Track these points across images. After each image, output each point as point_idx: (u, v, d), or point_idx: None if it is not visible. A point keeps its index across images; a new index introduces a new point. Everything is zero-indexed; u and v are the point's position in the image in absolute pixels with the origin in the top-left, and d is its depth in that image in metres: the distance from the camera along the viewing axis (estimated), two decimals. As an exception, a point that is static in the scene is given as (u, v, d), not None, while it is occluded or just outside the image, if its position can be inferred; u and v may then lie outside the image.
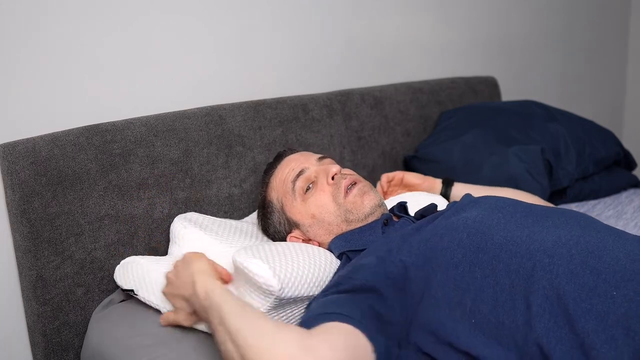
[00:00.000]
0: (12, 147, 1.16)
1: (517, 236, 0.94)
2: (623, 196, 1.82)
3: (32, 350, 1.26)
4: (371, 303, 0.91)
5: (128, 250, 1.30)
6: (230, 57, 1.59)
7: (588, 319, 0.81)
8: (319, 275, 1.09)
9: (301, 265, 1.07)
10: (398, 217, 1.23)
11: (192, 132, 1.39)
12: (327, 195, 1.20)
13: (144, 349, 1.08)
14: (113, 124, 1.30)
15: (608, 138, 1.86)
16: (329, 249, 1.20)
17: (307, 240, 1.24)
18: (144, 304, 1.20)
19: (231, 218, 1.45)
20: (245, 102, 1.52)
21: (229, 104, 1.49)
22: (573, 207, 1.74)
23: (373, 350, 0.84)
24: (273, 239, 1.30)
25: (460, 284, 0.92)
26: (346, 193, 1.20)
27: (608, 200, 1.79)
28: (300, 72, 1.75)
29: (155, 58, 1.44)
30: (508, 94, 2.38)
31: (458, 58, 2.24)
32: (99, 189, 1.25)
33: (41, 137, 1.20)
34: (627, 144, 2.24)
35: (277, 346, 0.79)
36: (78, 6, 1.30)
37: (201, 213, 1.39)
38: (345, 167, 1.43)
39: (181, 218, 1.31)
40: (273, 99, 1.58)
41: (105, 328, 1.18)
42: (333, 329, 0.83)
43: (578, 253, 0.89)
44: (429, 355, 0.92)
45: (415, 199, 1.42)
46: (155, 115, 1.37)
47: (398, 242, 1.02)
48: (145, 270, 1.19)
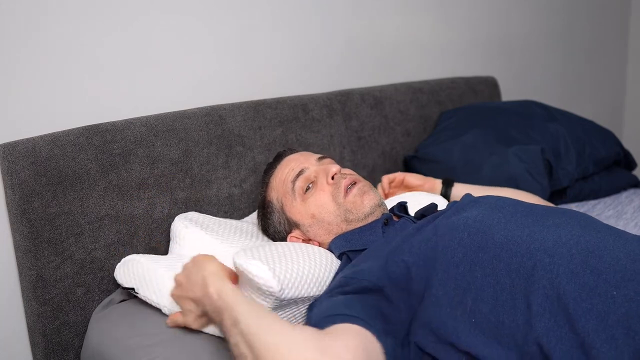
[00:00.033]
0: (12, 147, 1.16)
1: (518, 236, 0.94)
2: (623, 196, 1.82)
3: (32, 350, 1.26)
4: (377, 304, 0.92)
5: (128, 250, 1.30)
6: (230, 57, 1.59)
7: (588, 319, 0.81)
8: (320, 275, 1.09)
9: (301, 265, 1.07)
10: (398, 217, 1.23)
11: (192, 132, 1.39)
12: (327, 195, 1.20)
13: (144, 349, 1.08)
14: (113, 124, 1.30)
15: (608, 138, 1.86)
16: (329, 249, 1.20)
17: (307, 240, 1.24)
18: (144, 304, 1.20)
19: (231, 218, 1.45)
20: (245, 102, 1.52)
21: (229, 104, 1.49)
22: (573, 207, 1.74)
23: (383, 351, 0.84)
24: (273, 239, 1.30)
25: (460, 283, 0.92)
26: (346, 193, 1.20)
27: (608, 200, 1.79)
28: (300, 72, 1.75)
29: (155, 58, 1.44)
30: (508, 94, 2.38)
31: (458, 58, 2.24)
32: (99, 189, 1.25)
33: (41, 137, 1.20)
34: (627, 144, 2.24)
35: (295, 348, 0.78)
36: (78, 6, 1.30)
37: (201, 213, 1.39)
38: (345, 167, 1.43)
39: (182, 217, 1.31)
40: (273, 99, 1.58)
41: (105, 328, 1.18)
42: (345, 331, 0.83)
43: (578, 253, 0.89)
44: (430, 355, 0.92)
45: (415, 199, 1.42)
46: (155, 115, 1.38)
47: (399, 242, 1.02)
48: (145, 268, 1.19)
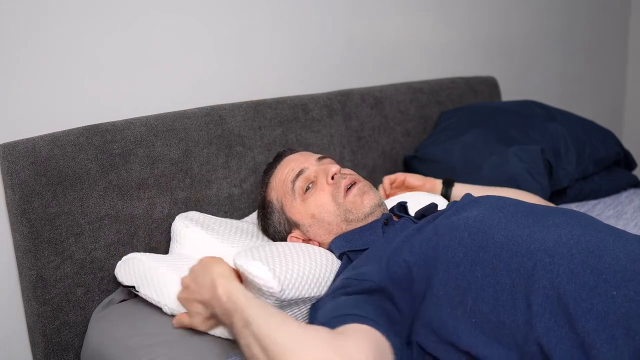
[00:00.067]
0: (12, 147, 1.16)
1: (518, 235, 0.94)
2: (623, 196, 1.82)
3: (32, 350, 1.26)
4: (382, 304, 0.92)
5: (128, 250, 1.30)
6: (230, 57, 1.59)
7: (588, 319, 0.81)
8: (320, 276, 1.09)
9: (302, 266, 1.07)
10: (398, 217, 1.23)
11: (192, 132, 1.39)
12: (327, 195, 1.20)
13: (144, 349, 1.08)
14: (113, 124, 1.30)
15: (608, 138, 1.86)
16: (330, 249, 1.20)
17: (307, 240, 1.24)
18: (144, 304, 1.20)
19: (231, 218, 1.45)
20: (245, 102, 1.52)
21: (229, 104, 1.49)
22: (573, 207, 1.74)
23: (392, 350, 0.84)
24: (273, 239, 1.30)
25: (461, 283, 0.92)
26: (346, 193, 1.20)
27: (608, 200, 1.79)
28: (300, 72, 1.75)
29: (155, 58, 1.44)
30: (508, 94, 2.38)
31: (458, 58, 2.24)
32: (99, 189, 1.25)
33: (41, 137, 1.20)
34: (627, 144, 2.24)
35: (308, 349, 0.78)
36: (78, 6, 1.30)
37: (202, 213, 1.39)
38: (345, 167, 1.43)
39: (183, 217, 1.31)
40: (273, 99, 1.58)
41: (105, 328, 1.18)
42: (356, 330, 0.83)
43: (579, 253, 0.89)
44: (431, 354, 0.92)
45: (415, 199, 1.42)
46: (155, 115, 1.38)
47: (400, 242, 1.02)
48: (146, 267, 1.19)
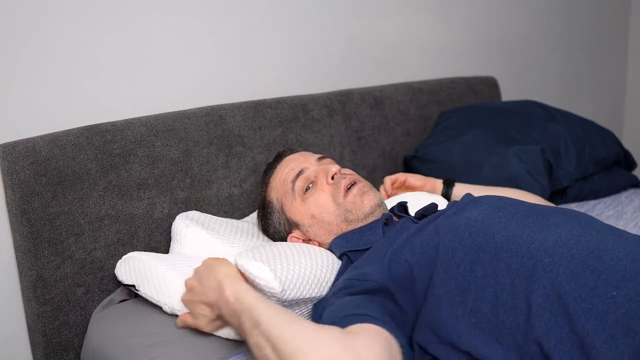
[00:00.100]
0: (12, 147, 1.16)
1: (518, 235, 0.94)
2: (623, 196, 1.82)
3: (32, 350, 1.26)
4: (385, 304, 0.92)
5: (128, 250, 1.30)
6: (230, 57, 1.59)
7: (588, 319, 0.81)
8: (321, 276, 1.09)
9: (303, 266, 1.07)
10: (398, 217, 1.23)
11: (192, 132, 1.39)
12: (327, 195, 1.20)
13: (144, 349, 1.08)
14: (113, 124, 1.30)
15: (608, 138, 1.86)
16: (330, 249, 1.20)
17: (308, 240, 1.24)
18: (144, 304, 1.20)
19: (231, 218, 1.45)
20: (245, 102, 1.52)
21: (229, 104, 1.49)
22: (573, 207, 1.74)
23: (400, 350, 0.84)
24: (273, 239, 1.30)
25: (461, 283, 0.92)
26: (346, 193, 1.20)
27: (608, 200, 1.79)
28: (300, 72, 1.75)
29: (155, 58, 1.44)
30: (508, 94, 2.38)
31: (458, 58, 2.24)
32: (99, 189, 1.25)
33: (41, 137, 1.20)
34: (627, 144, 2.24)
35: (321, 348, 0.78)
36: (78, 6, 1.30)
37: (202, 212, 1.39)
38: (345, 167, 1.43)
39: (183, 217, 1.31)
40: (273, 99, 1.58)
41: (105, 328, 1.18)
42: (366, 330, 0.83)
43: (579, 253, 0.89)
44: (431, 355, 0.92)
45: (415, 199, 1.42)
46: (155, 115, 1.38)
47: (401, 243, 1.02)
48: (147, 265, 1.19)
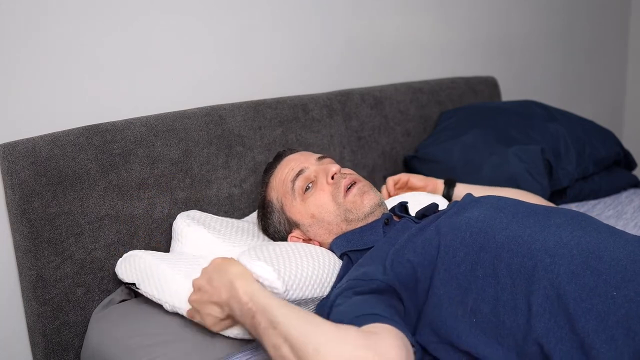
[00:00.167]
0: (12, 147, 1.16)
1: (519, 236, 0.94)
2: (623, 196, 1.82)
3: (32, 350, 1.26)
4: (393, 303, 0.92)
5: (128, 250, 1.29)
6: (230, 57, 1.59)
7: (588, 319, 0.82)
8: (323, 277, 1.10)
9: (305, 267, 1.07)
10: (399, 217, 1.23)
11: (192, 132, 1.39)
12: (327, 194, 1.20)
13: (144, 349, 1.08)
14: (113, 124, 1.30)
15: (608, 138, 1.86)
16: (330, 249, 1.20)
17: (308, 240, 1.24)
18: (144, 304, 1.20)
19: (231, 218, 1.45)
20: (245, 102, 1.52)
21: (229, 104, 1.49)
22: (573, 207, 1.74)
23: (413, 349, 0.84)
24: (273, 239, 1.30)
25: (462, 283, 0.92)
26: (346, 192, 1.20)
27: (608, 200, 1.79)
28: (300, 72, 1.75)
29: (155, 58, 1.44)
30: (508, 94, 2.37)
31: (458, 58, 2.24)
32: (99, 189, 1.25)
33: (41, 137, 1.20)
34: (627, 144, 2.24)
35: (344, 347, 0.78)
36: (78, 6, 1.30)
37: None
38: (345, 167, 1.43)
39: (184, 216, 1.31)
40: (273, 99, 1.58)
41: (105, 328, 1.18)
42: (384, 330, 0.83)
43: (579, 253, 0.89)
44: (432, 355, 0.93)
45: (415, 199, 1.42)
46: (155, 115, 1.37)
47: (403, 242, 1.02)
48: (147, 264, 1.19)
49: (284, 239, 1.27)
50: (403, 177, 1.54)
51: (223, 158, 1.44)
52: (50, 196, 1.19)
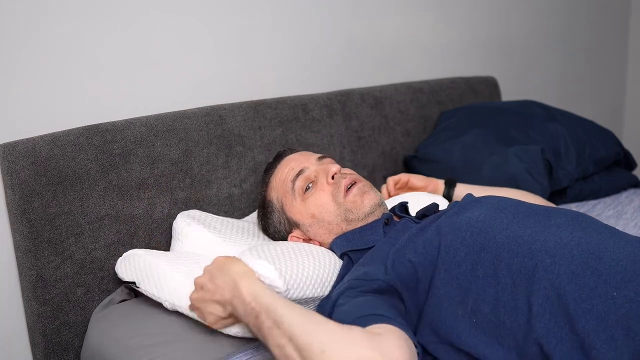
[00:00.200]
0: (12, 147, 1.16)
1: (520, 236, 0.94)
2: (623, 196, 1.82)
3: (32, 350, 1.26)
4: (395, 304, 0.92)
5: (128, 250, 1.29)
6: (230, 57, 1.59)
7: (588, 319, 0.82)
8: (324, 276, 1.10)
9: (306, 266, 1.07)
10: (399, 217, 1.23)
11: (192, 132, 1.39)
12: (327, 194, 1.20)
13: (144, 349, 1.08)
14: (113, 124, 1.30)
15: (608, 138, 1.86)
16: (331, 249, 1.20)
17: (308, 240, 1.24)
18: (144, 304, 1.20)
19: (231, 218, 1.45)
20: (245, 102, 1.52)
21: (229, 104, 1.49)
22: (573, 207, 1.74)
23: (416, 350, 0.84)
24: (273, 239, 1.30)
25: (462, 283, 0.92)
26: (346, 192, 1.20)
27: (608, 200, 1.79)
28: (300, 72, 1.75)
29: (155, 58, 1.44)
30: (508, 94, 2.37)
31: (458, 58, 2.24)
32: (99, 189, 1.25)
33: (41, 137, 1.20)
34: (627, 144, 2.24)
35: (350, 347, 0.78)
36: (78, 6, 1.30)
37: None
38: (345, 167, 1.43)
39: (184, 215, 1.31)
40: (273, 99, 1.58)
41: (105, 328, 1.18)
42: (389, 331, 0.83)
43: (579, 254, 0.89)
44: (432, 355, 0.93)
45: (415, 199, 1.42)
46: (155, 115, 1.37)
47: (403, 243, 1.02)
48: (147, 262, 1.19)
49: (284, 239, 1.27)
50: (403, 177, 1.54)
51: (223, 158, 1.44)
52: (50, 196, 1.19)
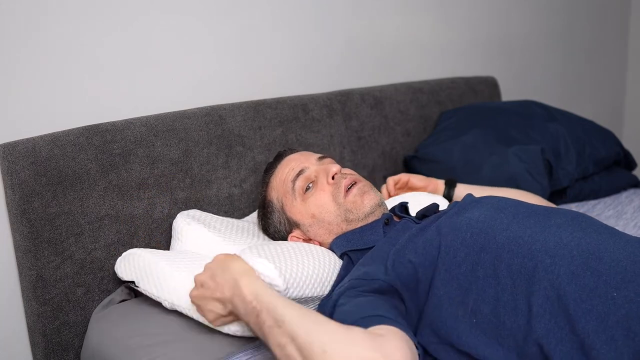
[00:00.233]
0: (12, 147, 1.16)
1: (520, 236, 0.94)
2: (623, 196, 1.82)
3: (32, 350, 1.26)
4: (396, 304, 0.92)
5: (128, 250, 1.29)
6: (230, 57, 1.59)
7: (588, 320, 0.82)
8: (323, 276, 1.10)
9: (306, 265, 1.07)
10: (399, 217, 1.23)
11: (192, 132, 1.39)
12: (327, 194, 1.20)
13: (144, 349, 1.08)
14: (113, 124, 1.30)
15: (608, 138, 1.86)
16: (331, 249, 1.21)
17: (308, 240, 1.24)
18: (144, 304, 1.20)
19: (231, 218, 1.45)
20: (245, 102, 1.52)
21: (229, 104, 1.49)
22: (573, 207, 1.74)
23: (417, 351, 0.84)
24: (273, 239, 1.30)
25: (462, 284, 0.92)
26: (346, 193, 1.20)
27: (608, 200, 1.79)
28: (300, 72, 1.75)
29: (155, 58, 1.44)
30: (508, 94, 2.37)
31: (458, 58, 2.24)
32: (99, 189, 1.25)
33: (41, 137, 1.20)
34: (627, 144, 2.24)
35: (352, 348, 0.78)
36: (78, 6, 1.30)
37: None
38: (345, 167, 1.43)
39: (184, 215, 1.31)
40: (273, 99, 1.58)
41: (105, 328, 1.18)
42: (390, 332, 0.83)
43: (579, 254, 0.89)
44: (432, 355, 0.93)
45: (415, 199, 1.42)
46: (155, 115, 1.37)
47: (404, 243, 1.02)
48: (147, 262, 1.19)
49: (284, 239, 1.27)
50: (403, 177, 1.54)
51: (223, 158, 1.44)
52: (50, 196, 1.19)
